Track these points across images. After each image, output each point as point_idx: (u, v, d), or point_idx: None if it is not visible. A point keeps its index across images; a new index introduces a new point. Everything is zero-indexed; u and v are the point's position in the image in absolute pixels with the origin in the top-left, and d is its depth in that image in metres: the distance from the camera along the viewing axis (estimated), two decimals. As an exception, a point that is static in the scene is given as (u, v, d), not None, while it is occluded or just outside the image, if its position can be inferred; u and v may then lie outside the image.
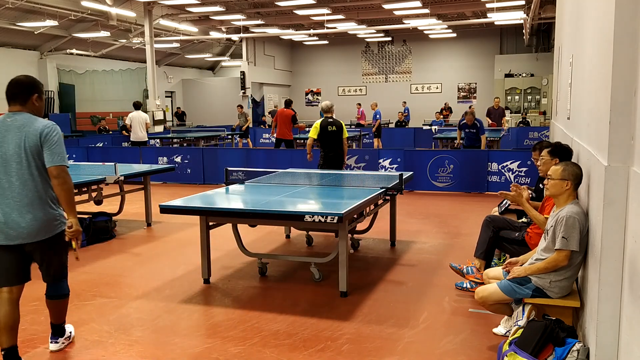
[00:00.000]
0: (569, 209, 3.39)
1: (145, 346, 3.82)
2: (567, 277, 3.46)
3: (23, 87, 3.44)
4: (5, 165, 3.30)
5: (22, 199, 3.31)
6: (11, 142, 3.30)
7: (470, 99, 26.62)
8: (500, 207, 5.48)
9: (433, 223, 7.79)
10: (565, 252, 3.35)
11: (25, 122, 3.34)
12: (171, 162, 11.79)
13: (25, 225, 3.31)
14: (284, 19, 21.76)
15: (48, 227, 3.39)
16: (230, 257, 5.99)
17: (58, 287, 3.65)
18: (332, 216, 4.28)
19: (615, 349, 2.63)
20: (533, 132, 17.44)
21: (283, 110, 12.71)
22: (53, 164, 3.31)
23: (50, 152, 3.31)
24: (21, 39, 19.91)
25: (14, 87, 3.43)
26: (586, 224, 3.36)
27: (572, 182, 3.47)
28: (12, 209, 3.30)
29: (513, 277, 3.58)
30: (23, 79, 3.48)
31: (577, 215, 3.34)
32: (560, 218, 3.38)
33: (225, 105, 26.83)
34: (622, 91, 2.54)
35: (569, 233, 3.32)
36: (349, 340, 3.87)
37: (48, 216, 3.39)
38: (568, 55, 5.90)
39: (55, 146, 3.33)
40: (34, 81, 3.50)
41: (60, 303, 3.69)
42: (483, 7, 19.11)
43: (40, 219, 3.35)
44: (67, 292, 3.71)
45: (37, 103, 3.47)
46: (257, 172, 6.73)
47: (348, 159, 10.92)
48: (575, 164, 3.56)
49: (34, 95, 3.45)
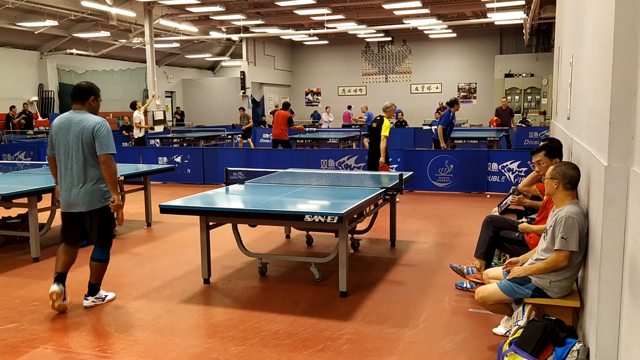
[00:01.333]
0: (568, 209, 3.39)
1: (145, 346, 3.82)
2: (567, 277, 3.46)
3: (83, 91, 4.41)
4: (68, 152, 4.32)
5: (79, 178, 4.31)
6: (72, 134, 4.29)
7: (470, 99, 26.61)
8: (500, 207, 5.48)
9: (433, 223, 7.79)
10: (565, 253, 3.35)
11: (82, 118, 4.32)
12: (171, 162, 11.80)
13: (82, 198, 4.32)
14: (284, 19, 21.76)
15: (98, 200, 4.36)
16: (230, 257, 5.99)
17: (98, 251, 4.50)
18: (332, 216, 4.28)
19: (615, 349, 2.63)
20: (533, 132, 17.45)
21: (280, 112, 12.92)
22: (101, 152, 4.27)
23: (99, 143, 4.27)
24: (21, 39, 19.92)
25: (76, 90, 4.42)
26: (586, 224, 3.36)
27: (560, 182, 3.50)
28: (72, 185, 4.33)
29: (513, 277, 3.59)
30: (84, 85, 4.46)
31: (576, 216, 3.34)
32: (559, 218, 3.38)
33: (225, 105, 26.84)
34: (622, 91, 2.54)
35: (568, 233, 3.32)
36: (349, 340, 3.87)
37: (98, 191, 4.35)
38: (568, 55, 5.90)
39: (103, 138, 4.27)
40: (92, 87, 4.47)
41: (97, 266, 4.51)
42: (483, 7, 19.11)
43: (92, 193, 4.33)
44: (105, 259, 4.53)
45: (93, 104, 4.45)
46: (257, 172, 6.73)
47: (348, 158, 10.93)
48: (568, 164, 3.59)
49: (91, 97, 4.43)
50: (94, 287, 4.56)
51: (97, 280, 4.55)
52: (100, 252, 4.50)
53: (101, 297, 4.60)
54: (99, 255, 4.50)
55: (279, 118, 12.75)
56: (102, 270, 4.55)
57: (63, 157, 4.36)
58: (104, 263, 4.54)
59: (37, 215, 5.95)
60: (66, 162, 4.35)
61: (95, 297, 4.56)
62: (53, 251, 6.36)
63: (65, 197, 4.38)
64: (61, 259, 4.48)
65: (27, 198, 5.88)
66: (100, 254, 4.51)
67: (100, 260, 4.51)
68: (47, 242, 6.72)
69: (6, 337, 3.96)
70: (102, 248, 4.50)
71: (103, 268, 4.55)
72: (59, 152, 4.39)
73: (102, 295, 4.62)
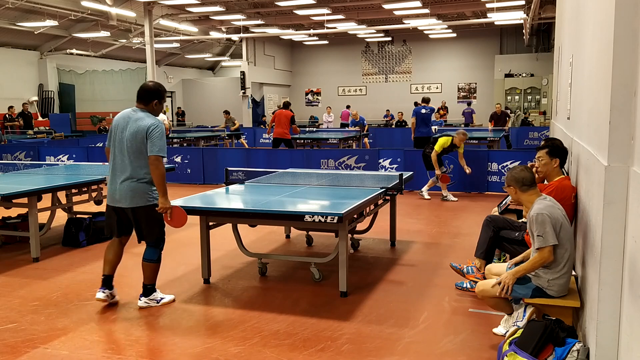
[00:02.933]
0: (535, 208, 3.49)
1: (145, 346, 3.82)
2: (563, 273, 3.48)
3: (149, 92, 4.40)
4: (122, 148, 4.32)
5: (125, 174, 4.30)
6: (128, 131, 4.29)
7: (470, 98, 26.61)
8: (500, 207, 5.48)
9: (433, 223, 7.79)
10: (546, 249, 3.41)
11: (141, 117, 4.32)
12: (171, 162, 11.79)
13: (125, 193, 4.31)
14: (284, 19, 21.76)
15: (141, 197, 4.33)
16: (230, 257, 5.99)
17: (148, 251, 4.49)
18: (332, 216, 4.28)
19: (615, 349, 2.63)
20: (533, 132, 17.45)
21: (282, 111, 12.84)
22: (151, 153, 4.25)
23: (151, 144, 4.24)
24: (21, 39, 19.92)
25: (143, 90, 4.41)
26: (558, 214, 3.44)
27: (515, 186, 3.66)
28: (120, 179, 4.32)
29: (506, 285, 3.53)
30: (150, 85, 4.45)
31: (544, 210, 3.43)
32: (530, 218, 3.49)
33: (225, 106, 26.73)
34: (622, 91, 2.54)
35: (542, 230, 3.40)
36: (349, 340, 3.87)
37: (142, 189, 4.32)
38: (568, 55, 5.90)
39: (156, 140, 4.25)
40: (158, 88, 4.45)
41: (147, 266, 4.49)
42: (483, 7, 19.11)
43: (135, 190, 4.30)
44: (155, 258, 4.49)
45: (155, 107, 4.43)
46: (257, 172, 6.73)
47: (348, 158, 10.94)
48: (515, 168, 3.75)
49: (154, 100, 4.42)
50: (146, 288, 4.54)
51: (150, 280, 4.52)
52: (150, 252, 4.48)
53: (156, 299, 4.56)
54: (148, 255, 4.49)
55: (281, 117, 12.69)
56: (154, 270, 4.52)
57: (116, 152, 4.37)
58: (154, 263, 4.50)
59: (37, 215, 5.95)
60: (116, 157, 4.36)
61: (149, 299, 4.53)
62: (53, 251, 6.38)
63: (111, 191, 4.40)
64: (108, 258, 4.53)
65: (27, 198, 5.87)
66: (150, 254, 4.48)
67: (149, 260, 4.48)
68: (47, 242, 6.72)
69: (6, 337, 3.96)
70: (151, 248, 4.49)
71: (154, 268, 4.51)
72: (113, 146, 4.40)
73: (157, 297, 4.58)
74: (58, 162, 12.24)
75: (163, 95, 4.48)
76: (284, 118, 12.60)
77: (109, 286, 4.54)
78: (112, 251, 4.55)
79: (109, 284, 4.54)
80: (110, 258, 4.54)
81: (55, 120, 20.05)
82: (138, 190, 4.32)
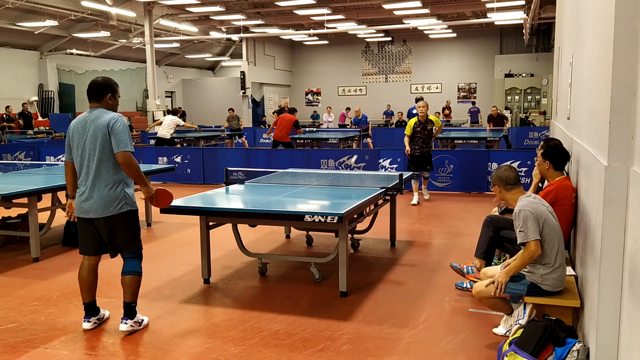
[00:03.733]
0: (518, 205, 3.57)
1: (145, 346, 3.82)
2: (556, 267, 3.52)
3: (99, 87, 4.01)
4: (85, 153, 3.91)
5: (93, 181, 3.89)
6: (88, 134, 3.89)
7: (470, 98, 26.61)
8: (500, 207, 5.48)
9: (433, 223, 7.79)
10: (531, 243, 3.44)
11: (98, 115, 3.92)
12: (171, 162, 11.80)
13: (93, 202, 3.90)
14: (284, 19, 21.76)
15: (113, 205, 3.91)
16: (230, 257, 5.99)
17: (131, 264, 4.05)
18: (332, 216, 4.28)
19: (615, 349, 2.63)
20: (533, 132, 17.46)
21: (286, 115, 13.14)
22: (117, 151, 3.83)
23: (115, 140, 3.84)
24: (21, 39, 19.92)
25: (92, 87, 4.01)
26: (540, 208, 3.50)
27: (500, 186, 3.75)
28: (87, 188, 3.92)
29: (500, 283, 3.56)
30: (99, 80, 4.06)
31: (526, 207, 3.49)
32: (514, 215, 3.55)
33: (225, 106, 26.75)
34: (622, 91, 2.54)
35: (524, 225, 3.45)
36: (349, 340, 3.87)
37: (111, 196, 3.91)
38: (568, 55, 5.90)
39: (119, 135, 3.84)
40: (108, 82, 4.08)
41: (133, 280, 4.03)
42: (483, 7, 19.12)
43: (104, 198, 3.89)
44: (137, 271, 4.05)
45: (110, 101, 4.04)
46: (257, 172, 6.73)
47: (348, 158, 10.94)
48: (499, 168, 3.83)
49: (108, 94, 4.02)
50: (130, 307, 4.03)
51: (133, 297, 4.04)
52: (132, 264, 4.04)
53: (139, 322, 4.09)
54: (131, 267, 4.03)
55: (284, 121, 12.95)
56: (137, 285, 4.06)
57: (79, 160, 3.95)
58: (137, 276, 4.05)
59: (37, 215, 5.95)
60: (82, 165, 3.94)
61: (134, 322, 4.05)
62: (53, 251, 6.38)
63: (79, 201, 3.97)
64: (83, 282, 4.07)
65: (27, 198, 5.88)
66: (133, 266, 4.04)
67: (134, 273, 4.03)
68: (47, 242, 6.72)
69: (6, 337, 3.96)
70: (133, 260, 4.06)
71: (138, 282, 4.07)
72: (76, 155, 3.97)
73: (139, 319, 4.11)
74: (58, 162, 12.23)
75: (115, 87, 4.08)
76: (286, 122, 12.87)
77: (94, 312, 4.14)
78: (86, 274, 4.08)
79: (93, 311, 4.13)
80: (86, 283, 4.08)
81: (55, 120, 20.06)
82: (109, 198, 3.89)
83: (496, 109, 16.82)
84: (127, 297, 4.03)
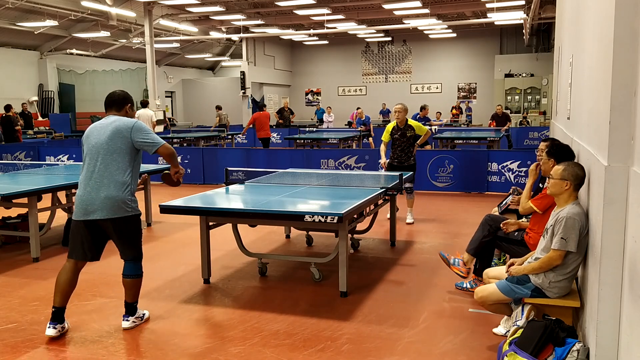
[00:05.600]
0: (569, 210, 3.38)
1: (145, 346, 3.82)
2: (567, 277, 3.46)
3: (120, 99, 4.14)
4: (97, 153, 3.91)
5: (102, 181, 3.87)
6: (105, 134, 3.92)
7: (470, 98, 26.62)
8: (500, 207, 5.47)
9: (433, 223, 7.79)
10: (560, 252, 3.36)
11: (117, 119, 4.01)
12: (171, 162, 11.77)
13: (103, 203, 3.86)
14: (284, 19, 21.76)
15: (120, 207, 3.90)
16: (230, 257, 5.99)
17: (130, 267, 4.08)
18: (332, 216, 4.28)
19: (615, 349, 2.63)
20: (533, 132, 17.46)
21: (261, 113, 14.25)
22: (156, 147, 3.96)
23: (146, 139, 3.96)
24: (21, 39, 19.92)
25: (113, 99, 4.13)
26: (586, 224, 3.36)
27: (572, 183, 3.46)
28: (93, 188, 3.88)
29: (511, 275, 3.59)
30: (120, 93, 4.18)
31: (577, 217, 3.34)
32: (560, 218, 3.38)
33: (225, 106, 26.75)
34: (622, 91, 2.54)
35: (568, 234, 3.32)
36: (349, 340, 3.87)
37: (122, 198, 3.90)
38: (568, 55, 5.90)
39: (149, 134, 3.99)
40: (127, 95, 4.22)
41: (132, 283, 4.10)
42: (483, 7, 19.12)
43: (114, 199, 3.87)
44: (138, 273, 4.12)
45: (129, 112, 4.17)
46: (257, 172, 6.73)
47: (348, 158, 10.94)
48: (577, 165, 3.54)
49: (128, 105, 4.16)
50: (131, 306, 4.15)
51: (134, 298, 4.14)
52: (132, 267, 4.08)
53: (140, 317, 4.20)
54: (131, 270, 4.08)
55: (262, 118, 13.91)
56: (139, 286, 4.16)
57: (88, 159, 3.94)
58: (138, 278, 4.13)
59: (37, 215, 5.95)
60: (90, 164, 3.92)
61: (135, 317, 4.17)
62: (53, 251, 6.38)
63: (84, 202, 3.89)
64: (60, 287, 3.94)
65: (27, 198, 5.88)
66: (133, 269, 4.09)
67: (134, 276, 4.10)
68: (47, 242, 6.72)
69: (6, 337, 3.96)
70: (132, 263, 4.08)
71: (139, 283, 4.15)
72: (85, 156, 3.97)
73: (140, 314, 4.22)
74: (58, 162, 12.24)
75: (132, 100, 4.26)
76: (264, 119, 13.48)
77: (61, 319, 3.97)
78: (67, 278, 3.97)
79: (60, 318, 3.96)
80: (64, 287, 3.95)
81: (55, 120, 20.06)
82: (118, 199, 3.87)
83: (501, 107, 16.83)
84: (128, 297, 4.13)
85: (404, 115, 7.50)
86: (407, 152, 7.52)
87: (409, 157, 7.54)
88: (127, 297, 4.13)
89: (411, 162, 7.56)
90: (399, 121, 7.49)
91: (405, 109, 7.57)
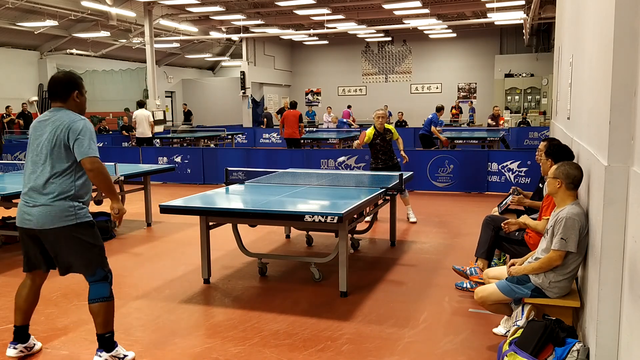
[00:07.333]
0: (569, 210, 3.38)
1: (145, 346, 3.82)
2: (567, 277, 3.46)
3: (62, 84, 3.45)
4: (39, 154, 3.36)
5: (39, 188, 3.34)
6: (45, 136, 3.34)
7: (470, 98, 26.61)
8: (500, 207, 5.48)
9: (433, 223, 7.79)
10: (560, 253, 3.36)
11: (60, 116, 3.36)
12: (171, 162, 11.79)
13: (39, 211, 3.33)
14: (284, 19, 21.76)
15: (57, 217, 3.32)
16: (230, 257, 5.99)
17: (96, 288, 3.43)
18: (332, 216, 4.28)
19: (615, 349, 2.63)
20: (533, 132, 17.45)
21: (290, 111, 13.37)
22: (83, 156, 3.28)
23: (78, 145, 3.28)
24: (21, 39, 19.92)
25: (54, 84, 3.45)
26: (586, 225, 3.36)
27: (563, 181, 3.46)
28: (31, 195, 3.37)
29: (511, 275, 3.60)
30: (61, 76, 3.50)
31: (577, 217, 3.34)
32: (560, 218, 3.38)
33: (225, 106, 26.86)
34: (622, 91, 2.54)
35: (568, 234, 3.32)
36: (349, 340, 3.87)
37: (62, 206, 3.32)
38: (568, 55, 5.90)
39: (84, 139, 3.29)
40: (72, 77, 3.52)
41: (101, 307, 3.40)
42: (483, 7, 19.11)
43: (52, 207, 3.31)
44: (104, 296, 3.41)
45: (77, 99, 3.48)
46: (257, 172, 6.73)
47: (348, 158, 10.94)
48: (571, 164, 3.55)
49: (74, 92, 3.47)
50: (104, 339, 3.42)
51: (107, 327, 3.42)
52: (98, 289, 3.41)
53: (119, 357, 3.47)
54: (97, 293, 3.40)
55: (290, 117, 13.15)
56: (109, 311, 3.43)
57: (30, 163, 3.41)
58: (107, 301, 3.42)
59: (37, 215, 5.92)
60: (29, 167, 3.42)
61: (112, 355, 3.43)
62: (53, 251, 6.37)
63: (21, 208, 3.44)
64: (19, 305, 3.53)
65: (27, 198, 5.85)
66: (99, 291, 3.41)
67: (100, 299, 3.40)
68: (47, 242, 6.71)
69: (6, 337, 3.95)
70: (98, 283, 3.43)
71: (108, 308, 3.42)
72: (27, 157, 3.45)
73: (120, 354, 3.48)
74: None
75: (81, 83, 3.53)
76: (292, 117, 12.93)
77: (23, 339, 3.56)
78: (25, 296, 3.56)
79: (22, 337, 3.55)
80: (22, 305, 3.53)
81: (55, 120, 20.03)
82: (54, 210, 3.30)
83: (498, 109, 17.01)
84: (98, 328, 3.41)
85: (385, 121, 7.67)
86: (389, 154, 7.68)
87: (392, 157, 7.70)
88: (97, 327, 3.42)
89: (395, 162, 7.72)
90: (379, 126, 7.58)
91: (386, 115, 7.84)
